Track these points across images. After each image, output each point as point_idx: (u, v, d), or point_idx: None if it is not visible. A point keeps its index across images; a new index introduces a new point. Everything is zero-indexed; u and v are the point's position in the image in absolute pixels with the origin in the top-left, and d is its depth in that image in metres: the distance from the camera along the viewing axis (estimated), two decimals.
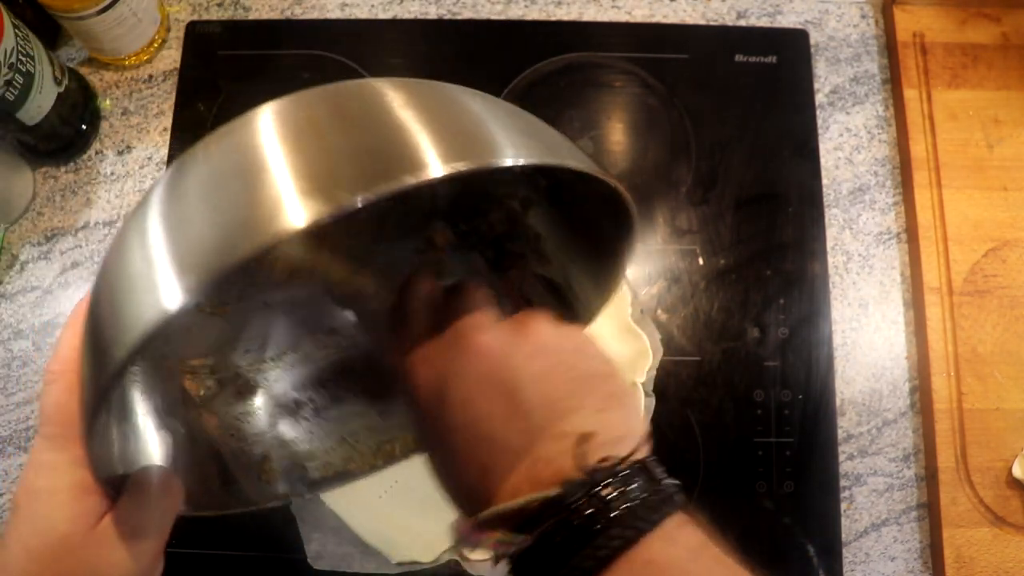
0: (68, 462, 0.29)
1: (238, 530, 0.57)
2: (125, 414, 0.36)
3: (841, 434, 0.59)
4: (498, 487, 0.27)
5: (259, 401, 0.44)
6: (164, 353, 0.39)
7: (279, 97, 0.26)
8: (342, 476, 0.44)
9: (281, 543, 0.56)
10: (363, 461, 0.45)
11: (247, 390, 0.43)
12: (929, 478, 0.58)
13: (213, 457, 0.41)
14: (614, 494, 0.25)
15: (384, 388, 0.46)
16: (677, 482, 0.27)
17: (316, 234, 0.43)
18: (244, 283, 0.42)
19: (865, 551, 0.57)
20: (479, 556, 0.28)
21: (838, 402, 0.60)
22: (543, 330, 0.30)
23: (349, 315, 0.46)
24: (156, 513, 0.32)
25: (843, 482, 0.58)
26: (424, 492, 0.57)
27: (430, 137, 0.24)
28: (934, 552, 0.57)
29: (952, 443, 0.57)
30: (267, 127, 0.25)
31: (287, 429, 0.44)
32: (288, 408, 0.45)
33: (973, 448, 0.57)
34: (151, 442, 0.37)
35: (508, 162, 0.25)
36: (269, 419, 0.44)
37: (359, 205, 0.22)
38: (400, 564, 0.54)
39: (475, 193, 0.41)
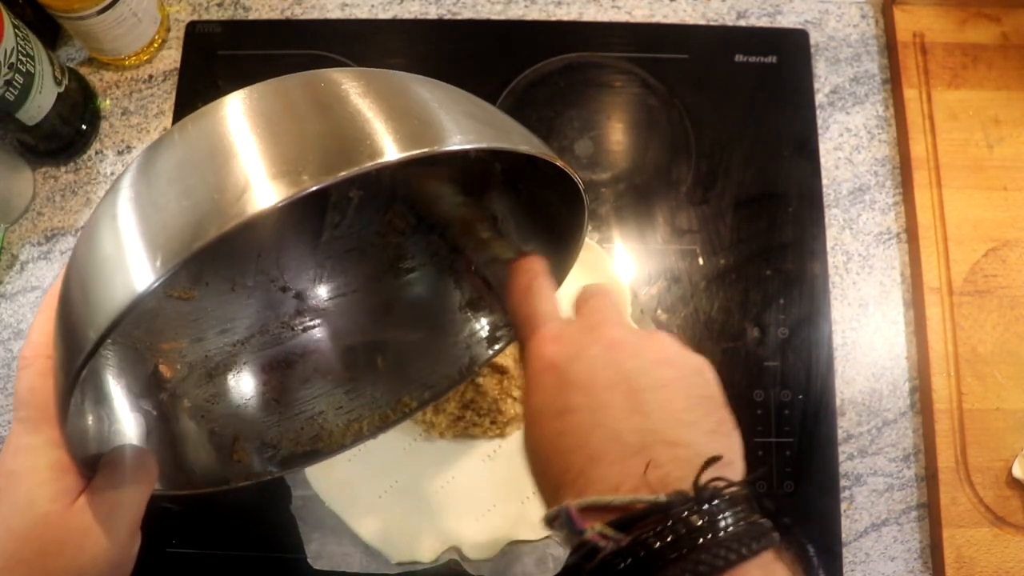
0: (44, 443, 0.30)
1: (238, 530, 0.57)
2: (99, 397, 0.36)
3: (841, 434, 0.59)
4: (602, 477, 0.28)
5: (228, 383, 0.44)
6: (135, 338, 0.40)
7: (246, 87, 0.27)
8: (312, 455, 0.45)
9: (281, 543, 0.56)
10: (331, 440, 0.46)
11: (216, 372, 0.44)
12: (929, 478, 0.58)
13: (186, 438, 0.42)
14: (720, 516, 0.25)
15: (350, 368, 0.47)
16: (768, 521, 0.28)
17: (285, 217, 0.43)
18: (213, 265, 0.42)
19: (865, 551, 0.57)
20: (567, 545, 0.28)
21: (838, 402, 0.60)
22: (670, 345, 0.32)
23: (316, 296, 0.47)
24: (131, 490, 0.32)
25: (843, 482, 0.58)
26: (423, 492, 0.57)
27: (386, 124, 0.25)
28: (934, 552, 0.57)
29: (952, 443, 0.57)
30: (236, 114, 0.26)
31: (256, 410, 0.45)
32: (257, 389, 0.45)
33: (973, 448, 0.57)
34: (126, 423, 0.37)
35: (458, 146, 0.26)
36: (238, 400, 0.44)
37: (318, 187, 0.23)
38: (400, 564, 0.54)
39: (433, 177, 0.42)
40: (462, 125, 0.27)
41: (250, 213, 0.23)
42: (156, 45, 0.67)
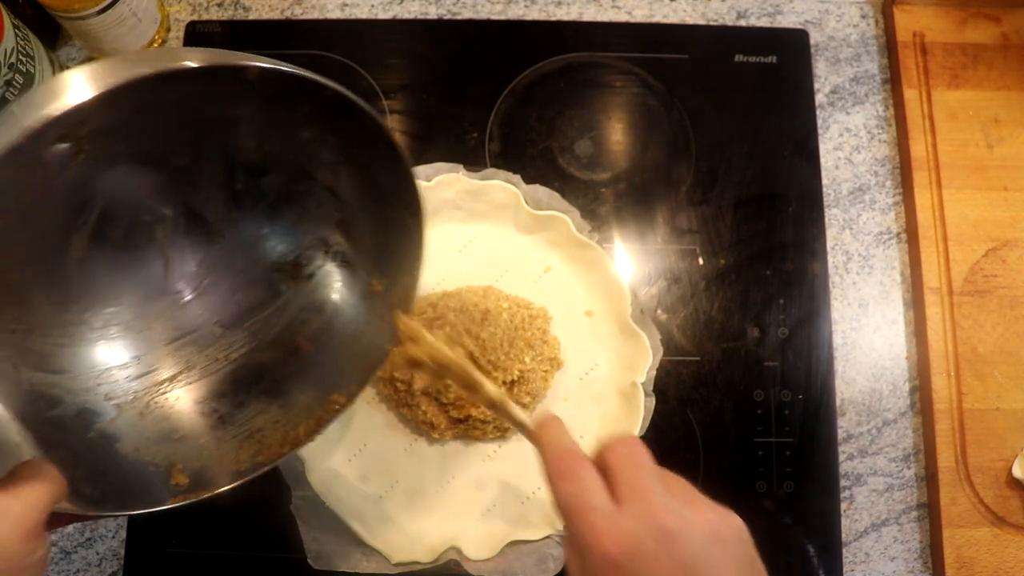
0: None
1: (238, 530, 0.57)
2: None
3: (841, 434, 0.59)
4: None
5: (162, 418, 0.46)
6: (49, 382, 0.42)
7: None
8: (252, 470, 0.46)
9: (281, 543, 0.56)
10: (271, 452, 0.46)
11: (148, 411, 0.46)
12: (929, 478, 0.58)
13: (121, 468, 0.43)
14: None
15: (280, 382, 0.49)
16: None
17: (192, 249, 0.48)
18: (124, 299, 0.47)
19: (865, 551, 0.57)
20: None
21: (838, 402, 0.60)
22: (710, 513, 0.33)
23: (234, 322, 0.50)
24: (22, 497, 0.33)
25: (843, 482, 0.58)
26: (424, 492, 0.57)
27: (193, 57, 0.32)
28: (934, 552, 0.57)
29: (952, 443, 0.57)
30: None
31: (193, 439, 0.47)
32: (192, 420, 0.47)
33: (973, 448, 0.57)
34: (53, 459, 0.39)
35: (249, 63, 0.34)
36: (174, 434, 0.46)
37: (110, 89, 0.29)
38: (400, 564, 0.54)
39: (287, 172, 0.46)
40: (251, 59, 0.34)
41: (60, 109, 0.28)
42: (156, 45, 0.67)
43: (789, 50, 0.67)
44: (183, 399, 0.48)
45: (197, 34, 0.68)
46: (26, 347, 0.41)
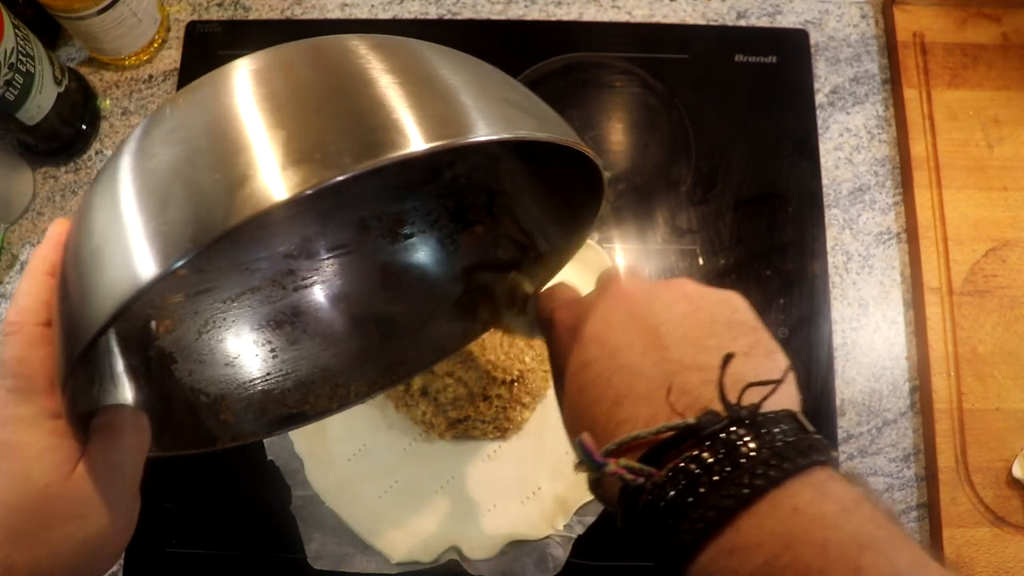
0: (36, 414, 0.29)
1: (238, 530, 0.57)
2: (89, 356, 0.36)
3: (841, 434, 0.59)
4: (631, 415, 0.26)
5: (217, 341, 0.44)
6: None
7: (255, 52, 0.25)
8: (298, 418, 0.45)
9: (281, 543, 0.56)
10: (318, 403, 0.45)
11: (205, 329, 0.44)
12: (929, 478, 0.58)
13: (173, 396, 0.41)
14: (762, 431, 0.23)
15: (340, 332, 0.47)
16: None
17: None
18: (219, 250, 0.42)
19: None
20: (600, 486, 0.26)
21: (838, 402, 0.60)
22: (688, 284, 0.30)
23: (309, 255, 0.47)
24: (128, 451, 0.32)
25: None
26: (424, 492, 0.57)
27: (410, 112, 0.24)
28: (934, 552, 0.57)
29: (952, 443, 0.57)
30: (243, 90, 0.24)
31: (244, 370, 0.45)
32: (245, 348, 0.45)
33: (973, 448, 0.57)
34: (115, 381, 0.37)
35: (483, 137, 0.25)
36: (226, 359, 0.44)
37: (339, 179, 0.22)
38: (400, 564, 0.54)
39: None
40: (489, 113, 0.26)
41: (260, 208, 0.22)
42: (156, 45, 0.67)
43: (789, 50, 0.67)
44: (240, 323, 0.45)
45: (197, 34, 0.68)
46: None
